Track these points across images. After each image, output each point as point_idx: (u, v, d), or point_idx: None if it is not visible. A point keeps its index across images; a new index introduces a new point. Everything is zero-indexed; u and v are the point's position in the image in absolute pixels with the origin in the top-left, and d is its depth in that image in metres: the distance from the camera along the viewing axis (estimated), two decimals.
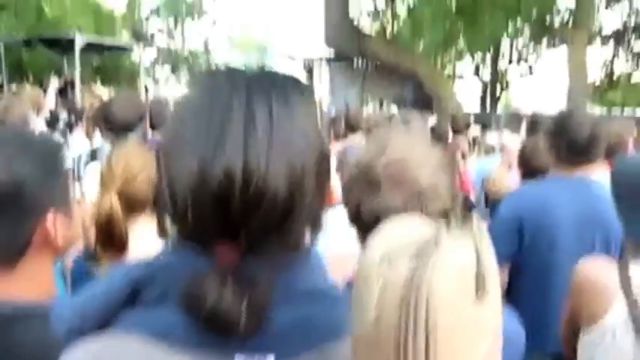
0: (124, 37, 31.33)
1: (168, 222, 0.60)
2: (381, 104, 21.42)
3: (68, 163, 3.08)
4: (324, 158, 0.61)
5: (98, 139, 3.84)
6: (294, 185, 0.56)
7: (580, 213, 2.01)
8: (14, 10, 22.98)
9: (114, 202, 1.42)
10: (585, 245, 1.97)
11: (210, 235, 0.56)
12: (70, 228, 0.87)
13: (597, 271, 1.31)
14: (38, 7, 23.25)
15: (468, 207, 2.99)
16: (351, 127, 4.36)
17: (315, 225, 0.63)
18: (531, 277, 2.07)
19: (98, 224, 1.44)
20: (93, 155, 2.76)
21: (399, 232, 0.55)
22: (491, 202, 3.38)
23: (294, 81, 0.64)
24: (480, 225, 0.55)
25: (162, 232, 0.62)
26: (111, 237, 1.42)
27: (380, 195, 0.94)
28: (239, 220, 0.55)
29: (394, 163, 0.95)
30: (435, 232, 0.52)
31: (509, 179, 3.26)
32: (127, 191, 1.46)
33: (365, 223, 0.93)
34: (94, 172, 2.14)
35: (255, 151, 0.54)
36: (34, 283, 0.83)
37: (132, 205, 1.47)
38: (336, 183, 0.62)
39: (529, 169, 2.66)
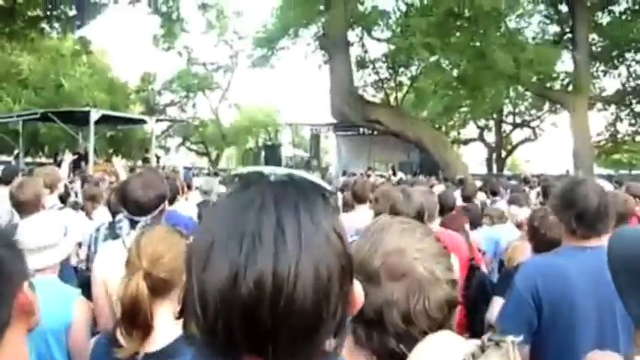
0: (137, 109, 32.56)
1: (194, 326, 0.61)
2: (393, 171, 21.68)
3: (84, 238, 3.12)
4: (347, 261, 0.63)
5: (102, 214, 3.90)
6: (322, 294, 0.57)
7: (597, 285, 1.96)
8: (34, 86, 24.07)
9: (140, 284, 1.43)
10: (606, 319, 1.92)
11: (238, 348, 0.57)
12: (37, 299, 0.91)
13: None
14: (57, 83, 24.38)
15: (479, 281, 2.94)
16: (359, 198, 4.41)
17: (340, 332, 0.64)
18: (552, 356, 2.01)
19: (124, 305, 1.44)
20: (111, 229, 2.79)
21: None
22: (506, 271, 3.33)
23: (317, 187, 0.66)
24: (512, 348, 0.55)
25: (187, 335, 0.63)
26: (136, 318, 1.42)
27: (380, 289, 0.92)
28: (267, 333, 0.56)
29: (391, 254, 0.94)
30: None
31: (528, 253, 3.22)
32: (153, 274, 1.47)
33: (367, 320, 0.91)
34: (111, 251, 2.12)
35: (285, 262, 0.56)
36: (14, 357, 0.85)
37: (157, 288, 1.48)
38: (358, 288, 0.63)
39: (540, 241, 2.64)
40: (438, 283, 0.93)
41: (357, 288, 0.67)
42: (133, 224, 2.21)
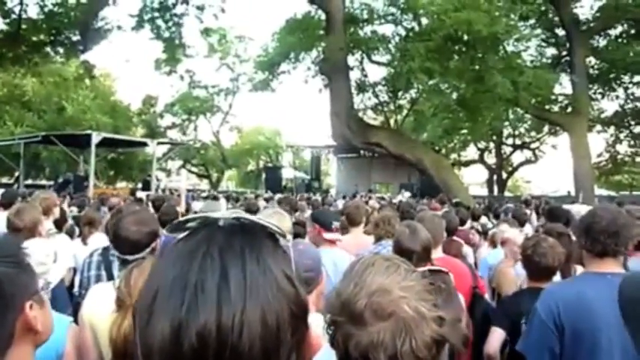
0: (139, 132, 32.79)
1: None
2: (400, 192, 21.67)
3: (77, 263, 3.06)
4: (299, 307, 0.61)
5: (98, 240, 3.84)
6: (271, 343, 0.56)
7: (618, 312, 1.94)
8: (37, 109, 24.28)
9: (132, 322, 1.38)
10: (629, 346, 1.89)
11: None
12: (45, 313, 0.93)
13: None
14: (59, 106, 24.61)
15: (483, 310, 2.87)
16: (351, 221, 4.39)
17: None
18: None
19: (116, 346, 1.40)
20: (105, 255, 2.74)
21: None
22: (500, 299, 3.27)
23: (267, 230, 0.65)
24: None
25: None
26: (129, 357, 1.38)
27: (366, 330, 0.90)
28: None
29: (376, 294, 0.93)
30: None
31: (511, 276, 3.17)
32: None
33: None
34: (101, 293, 2.07)
35: (229, 312, 0.54)
36: None
37: None
38: (317, 330, 0.60)
39: (535, 269, 2.60)
40: (425, 321, 0.91)
41: (313, 334, 0.64)
42: (125, 264, 2.16)
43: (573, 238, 3.04)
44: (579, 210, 6.14)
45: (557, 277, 2.71)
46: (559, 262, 2.62)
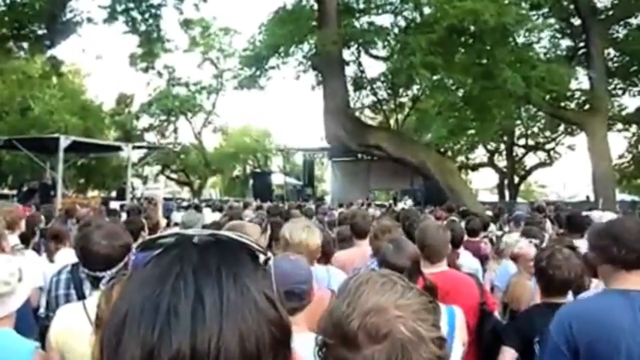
0: (112, 134, 32.66)
1: None
2: (394, 200, 21.69)
3: (45, 282, 3.04)
4: (281, 330, 0.62)
5: (66, 256, 3.83)
6: None
7: None
8: None
9: None
10: None
11: None
12: None
13: None
14: (23, 107, 24.50)
15: (493, 328, 2.88)
16: (359, 233, 4.39)
17: None
18: None
19: None
20: (74, 272, 2.73)
21: None
22: (512, 315, 3.28)
23: (246, 247, 0.66)
24: None
25: None
26: None
27: (360, 353, 0.90)
28: None
29: (370, 313, 0.94)
30: None
31: (529, 291, 3.19)
32: None
33: None
34: (70, 316, 2.07)
35: (205, 337, 0.55)
36: None
37: None
38: (301, 351, 0.62)
39: (550, 282, 2.62)
40: (423, 342, 0.92)
41: (296, 358, 0.66)
42: (96, 282, 2.16)
43: (583, 249, 3.06)
44: (600, 216, 6.19)
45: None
46: (575, 275, 2.64)
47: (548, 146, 30.90)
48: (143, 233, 4.11)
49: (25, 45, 18.29)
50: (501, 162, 33.23)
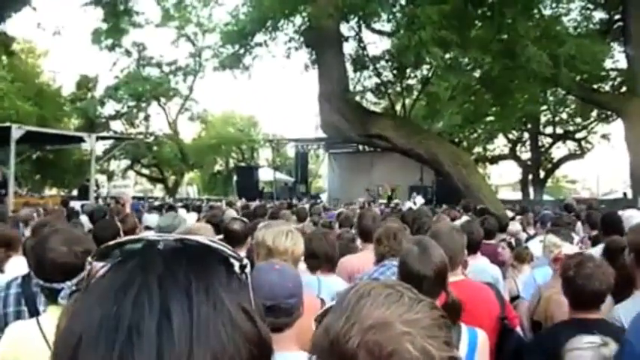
0: (72, 122, 32.59)
1: None
2: (389, 198, 21.75)
3: None
4: (260, 348, 0.62)
5: (18, 265, 3.81)
6: None
7: None
8: None
9: None
10: None
11: None
12: None
13: None
14: None
15: (515, 347, 2.88)
16: (366, 236, 4.38)
17: None
18: None
19: None
20: (26, 285, 2.72)
21: None
22: (538, 330, 3.29)
23: (220, 254, 0.66)
24: None
25: None
26: None
27: None
28: None
29: (372, 329, 0.93)
30: None
31: (564, 309, 3.19)
32: None
33: None
34: (21, 335, 2.06)
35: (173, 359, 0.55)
36: None
37: None
38: None
39: (578, 294, 2.62)
40: None
41: None
42: (52, 295, 2.15)
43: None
44: (630, 215, 6.20)
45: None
46: (608, 287, 2.65)
47: (578, 135, 31.05)
48: (118, 238, 4.06)
49: None
50: (525, 154, 33.38)
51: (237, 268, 0.66)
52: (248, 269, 0.67)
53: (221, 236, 4.08)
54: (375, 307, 0.97)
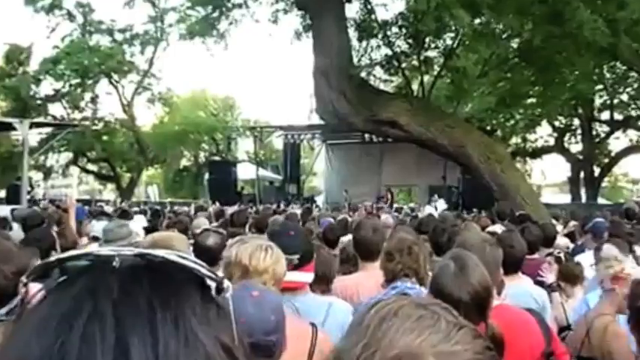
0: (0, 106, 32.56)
1: None
2: (391, 200, 21.77)
3: None
4: None
5: None
6: None
7: None
8: None
9: None
10: None
11: None
12: None
13: None
14: None
15: None
16: (364, 253, 4.35)
17: None
18: None
19: None
20: None
21: None
22: None
23: (190, 274, 0.65)
24: None
25: None
26: None
27: None
28: None
29: None
30: None
31: (625, 337, 3.20)
32: None
33: None
34: None
35: None
36: None
37: None
38: None
39: None
40: None
41: None
42: None
43: None
44: None
45: None
46: None
47: None
48: (54, 253, 4.08)
49: None
50: (575, 146, 33.48)
51: (214, 292, 0.66)
52: (229, 293, 0.67)
53: None
54: (402, 333, 0.97)
